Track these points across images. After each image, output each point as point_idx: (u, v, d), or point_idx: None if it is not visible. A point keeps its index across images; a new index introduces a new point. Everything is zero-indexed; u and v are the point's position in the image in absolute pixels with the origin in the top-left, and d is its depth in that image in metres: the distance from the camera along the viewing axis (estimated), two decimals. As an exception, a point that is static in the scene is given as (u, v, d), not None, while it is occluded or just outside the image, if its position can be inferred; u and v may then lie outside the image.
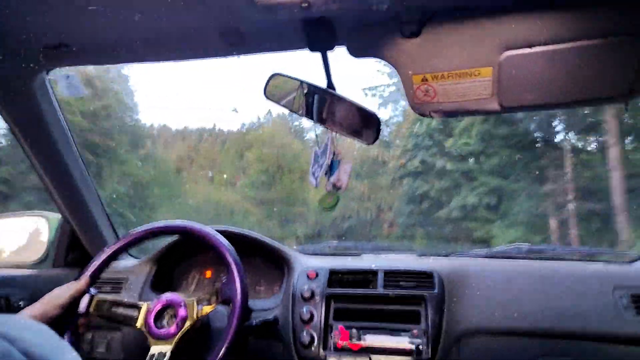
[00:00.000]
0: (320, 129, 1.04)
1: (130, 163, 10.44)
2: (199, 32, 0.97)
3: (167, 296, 1.15)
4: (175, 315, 1.11)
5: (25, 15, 0.91)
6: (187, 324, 1.10)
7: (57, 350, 0.45)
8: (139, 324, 1.12)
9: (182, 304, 1.12)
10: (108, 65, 1.17)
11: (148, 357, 1.07)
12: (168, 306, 1.13)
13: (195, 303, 1.13)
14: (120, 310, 1.14)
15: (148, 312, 1.13)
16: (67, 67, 1.22)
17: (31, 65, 1.12)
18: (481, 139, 8.95)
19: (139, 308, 1.13)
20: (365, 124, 0.98)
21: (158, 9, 0.88)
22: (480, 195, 8.45)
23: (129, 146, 10.76)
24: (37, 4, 0.87)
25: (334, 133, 1.01)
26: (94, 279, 1.18)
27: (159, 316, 1.12)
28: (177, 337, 1.09)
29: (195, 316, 1.11)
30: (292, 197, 11.30)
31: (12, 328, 0.44)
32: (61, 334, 0.99)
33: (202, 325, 1.20)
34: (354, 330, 1.25)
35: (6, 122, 1.26)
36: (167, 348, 1.07)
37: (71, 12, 0.89)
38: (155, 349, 1.08)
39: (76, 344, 1.09)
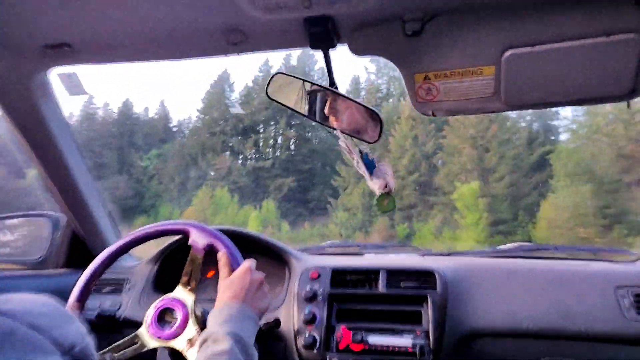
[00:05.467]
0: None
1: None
2: (200, 31, 0.97)
3: (169, 297, 1.14)
4: (177, 316, 1.11)
5: (26, 13, 0.90)
6: (189, 324, 1.09)
7: (62, 320, 0.48)
8: (149, 346, 1.10)
9: (184, 304, 1.12)
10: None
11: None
12: (170, 307, 1.12)
13: (197, 303, 1.13)
14: (125, 352, 1.10)
15: (150, 313, 1.12)
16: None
17: (32, 64, 1.12)
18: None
19: (139, 337, 1.11)
20: (368, 122, 0.97)
21: (160, 8, 0.88)
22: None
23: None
24: (37, 2, 0.87)
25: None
26: (83, 301, 1.16)
27: (160, 317, 1.12)
28: (179, 337, 1.08)
29: (197, 317, 1.11)
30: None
31: (15, 304, 0.46)
32: None
33: (204, 326, 1.19)
34: (357, 331, 1.25)
35: (7, 121, 1.26)
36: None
37: (72, 10, 0.89)
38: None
39: None
